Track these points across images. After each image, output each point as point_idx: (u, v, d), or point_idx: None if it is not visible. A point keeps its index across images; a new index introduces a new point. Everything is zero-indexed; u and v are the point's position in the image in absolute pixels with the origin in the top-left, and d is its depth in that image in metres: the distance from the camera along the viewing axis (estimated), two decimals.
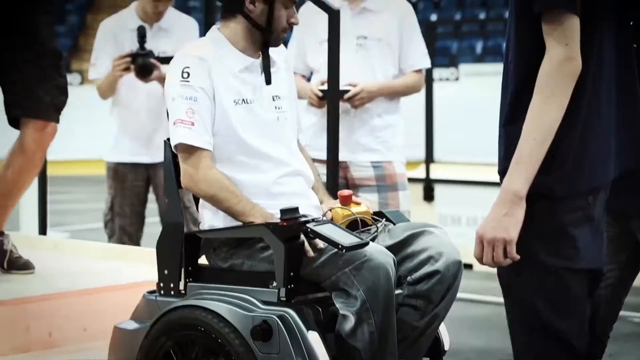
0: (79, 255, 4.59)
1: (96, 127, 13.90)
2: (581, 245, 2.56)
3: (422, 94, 7.78)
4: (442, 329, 3.41)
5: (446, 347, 3.42)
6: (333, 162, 4.09)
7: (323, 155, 4.35)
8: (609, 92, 2.62)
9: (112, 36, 5.33)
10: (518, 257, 2.51)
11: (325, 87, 4.44)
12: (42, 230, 5.07)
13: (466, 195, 7.36)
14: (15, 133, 4.07)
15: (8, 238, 4.13)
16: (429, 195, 7.69)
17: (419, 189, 7.65)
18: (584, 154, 2.55)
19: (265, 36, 3.38)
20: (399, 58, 4.59)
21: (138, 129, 5.31)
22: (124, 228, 5.33)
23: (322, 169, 4.26)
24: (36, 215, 5.08)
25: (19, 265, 4.11)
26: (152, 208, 5.40)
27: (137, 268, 4.16)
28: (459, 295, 3.29)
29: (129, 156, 5.33)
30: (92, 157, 14.77)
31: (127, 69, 5.14)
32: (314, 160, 4.27)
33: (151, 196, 5.40)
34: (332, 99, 4.13)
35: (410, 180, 7.70)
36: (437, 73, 11.58)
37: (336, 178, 4.12)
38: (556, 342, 2.57)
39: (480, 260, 2.54)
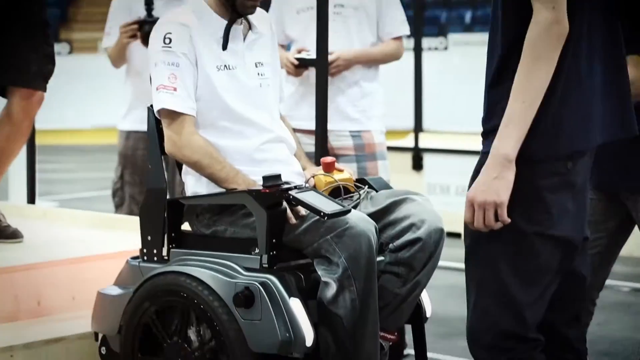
0: (67, 224, 4.59)
1: (86, 97, 13.94)
2: (556, 211, 2.55)
3: (410, 63, 7.80)
4: (424, 297, 3.42)
5: (428, 315, 3.43)
6: (322, 132, 4.07)
7: (303, 125, 4.34)
8: (591, 59, 2.60)
9: (127, 6, 5.30)
10: (509, 220, 2.51)
11: (302, 55, 4.43)
12: (31, 199, 5.07)
13: (455, 164, 7.35)
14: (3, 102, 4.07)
15: None
16: (417, 164, 7.70)
17: (407, 158, 7.66)
18: (562, 118, 2.54)
19: (231, 1, 3.37)
20: (377, 26, 4.57)
21: (151, 97, 5.29)
22: (133, 197, 5.32)
23: (304, 139, 4.25)
24: (25, 184, 5.08)
25: (7, 234, 4.11)
26: None
27: (126, 237, 4.15)
28: (447, 264, 3.31)
29: (141, 124, 5.32)
30: (82, 126, 14.79)
31: (134, 36, 5.13)
32: (296, 130, 4.27)
33: None
34: (320, 67, 4.10)
35: (399, 149, 7.74)
36: (426, 42, 11.53)
37: (325, 148, 4.10)
38: (507, 311, 2.57)
39: (472, 224, 2.54)
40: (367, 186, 3.41)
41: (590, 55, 2.60)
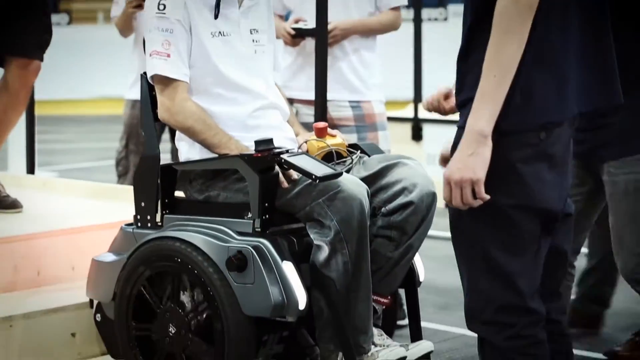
0: (67, 194, 4.61)
1: (86, 68, 13.89)
2: (532, 182, 2.51)
3: (410, 34, 7.77)
4: (417, 261, 3.43)
5: (421, 279, 3.44)
6: (321, 102, 4.07)
7: (301, 95, 4.34)
8: (566, 29, 2.55)
9: None
10: (487, 197, 2.47)
11: (299, 25, 4.41)
12: (30, 169, 5.09)
13: (454, 135, 7.33)
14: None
15: None
16: (417, 135, 7.68)
17: (407, 128, 7.64)
18: (532, 89, 2.49)
19: None
20: None
21: None
22: None
23: (302, 109, 4.25)
24: (24, 155, 5.09)
25: (7, 204, 4.14)
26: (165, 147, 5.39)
27: (126, 207, 4.15)
28: (446, 234, 3.30)
29: None
30: (81, 97, 14.75)
31: (139, 6, 5.14)
32: (293, 100, 4.26)
33: (165, 136, 5.39)
34: (320, 37, 4.09)
35: (399, 119, 7.72)
36: (426, 13, 11.48)
37: (324, 117, 4.10)
38: (501, 283, 2.55)
39: (450, 202, 2.50)
40: (359, 151, 3.41)
41: (565, 25, 2.54)
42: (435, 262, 3.06)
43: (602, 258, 4.27)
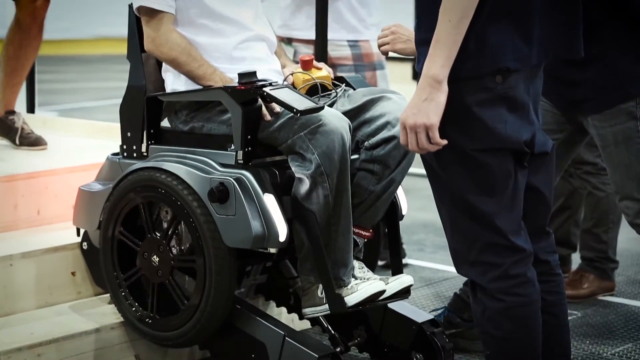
0: (67, 133, 4.63)
1: (87, 7, 13.80)
2: (493, 125, 2.52)
3: None
4: (400, 194, 3.44)
5: (403, 212, 3.46)
6: (321, 42, 4.07)
7: (300, 35, 4.34)
8: None
9: None
10: (443, 141, 2.48)
11: None
12: (31, 108, 5.11)
13: None
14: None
15: (19, 116, 4.24)
16: (417, 75, 7.66)
17: (407, 68, 7.63)
18: (487, 37, 2.49)
19: None
20: None
21: None
22: None
23: (302, 48, 4.24)
24: (24, 94, 5.10)
25: (31, 141, 4.20)
26: None
27: None
28: None
29: None
30: (82, 36, 14.67)
31: None
32: (292, 39, 4.24)
33: None
34: None
35: (399, 59, 7.68)
36: None
37: (325, 56, 4.10)
38: (480, 223, 2.57)
39: (407, 146, 2.52)
40: (344, 84, 3.41)
41: None
42: (426, 199, 3.09)
43: (565, 199, 4.30)
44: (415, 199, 5.83)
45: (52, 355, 3.27)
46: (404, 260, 4.72)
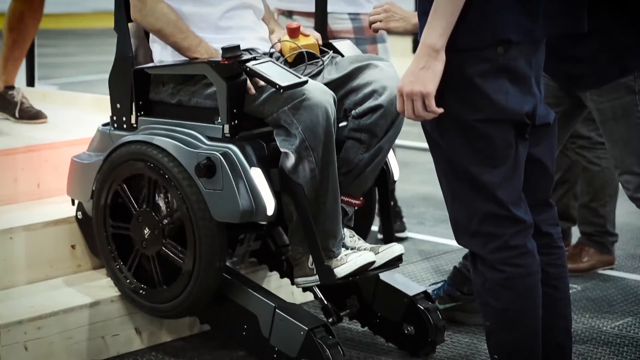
0: (67, 107, 4.62)
1: None
2: (495, 95, 2.53)
3: None
4: (392, 160, 3.44)
5: (395, 178, 3.45)
6: (321, 15, 4.05)
7: (300, 7, 4.29)
8: None
9: None
10: (439, 110, 2.49)
11: None
12: (30, 82, 5.11)
13: None
14: None
15: (18, 91, 4.25)
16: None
17: (408, 41, 7.59)
18: (488, 8, 2.49)
19: None
20: None
21: None
22: None
23: (301, 21, 4.22)
24: (24, 68, 5.11)
25: (31, 114, 4.22)
26: None
27: None
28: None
29: None
30: (82, 10, 14.63)
31: None
32: (293, 12, 4.22)
33: None
34: None
35: (400, 32, 7.65)
36: None
37: (324, 30, 4.08)
38: (481, 194, 2.57)
39: (403, 113, 2.53)
40: (332, 51, 3.39)
41: None
42: (435, 175, 3.09)
43: (563, 173, 4.29)
44: (416, 173, 5.84)
45: (52, 329, 3.30)
46: (404, 234, 4.72)
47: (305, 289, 3.55)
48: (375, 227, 3.97)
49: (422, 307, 3.40)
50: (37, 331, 3.27)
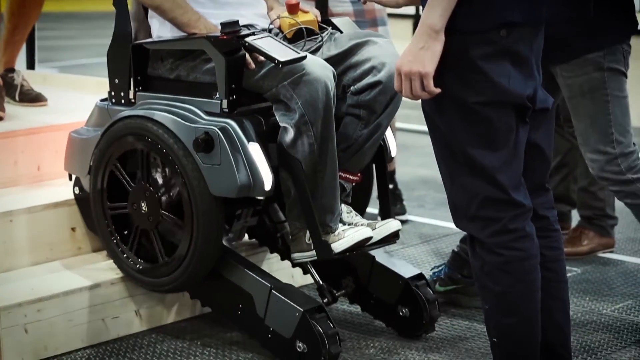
0: (67, 89, 4.61)
1: None
2: (497, 78, 2.52)
3: None
4: (389, 137, 3.44)
5: (392, 154, 3.45)
6: None
7: None
8: None
9: None
10: (437, 90, 2.49)
11: None
12: (30, 65, 5.10)
13: None
14: None
15: (19, 73, 4.24)
16: None
17: (408, 24, 7.57)
18: None
19: None
20: None
21: None
22: None
23: (303, 4, 4.21)
24: (24, 51, 5.11)
25: (31, 97, 4.21)
26: None
27: None
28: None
29: None
30: None
31: None
32: None
33: None
34: None
35: (400, 16, 7.65)
36: None
37: (325, 13, 4.07)
38: (480, 178, 2.57)
39: (401, 93, 2.52)
40: (330, 27, 3.39)
41: None
42: (422, 155, 3.06)
43: (562, 156, 4.29)
44: (416, 156, 5.83)
45: (53, 311, 3.30)
46: (404, 217, 4.72)
47: (305, 271, 3.54)
48: (376, 210, 3.96)
49: (417, 290, 3.40)
50: (37, 313, 3.27)
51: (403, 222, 4.65)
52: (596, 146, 3.39)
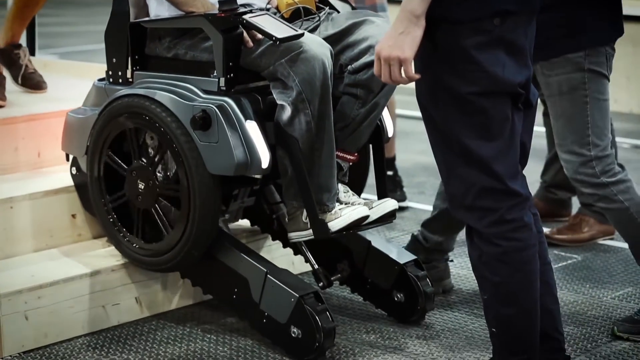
0: (68, 76, 4.60)
1: None
2: (491, 68, 2.51)
3: None
4: (386, 117, 3.44)
5: (389, 135, 3.45)
6: None
7: None
8: None
9: None
10: (416, 75, 2.49)
11: None
12: (31, 51, 5.06)
13: None
14: None
15: (25, 51, 4.19)
16: None
17: None
18: None
19: None
20: None
21: None
22: None
23: None
24: (24, 37, 5.09)
25: (33, 83, 4.15)
26: None
27: None
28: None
29: None
30: None
31: None
32: None
33: None
34: None
35: (400, 3, 7.61)
36: None
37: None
38: (477, 168, 2.56)
39: (380, 77, 2.51)
40: (328, 7, 3.38)
41: None
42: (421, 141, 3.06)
43: None
44: (416, 142, 5.82)
45: (53, 298, 3.30)
46: (405, 204, 4.71)
47: (296, 252, 3.55)
48: (373, 196, 3.95)
49: (412, 275, 3.40)
50: (38, 300, 3.26)
51: (403, 209, 4.65)
52: (571, 147, 3.38)
